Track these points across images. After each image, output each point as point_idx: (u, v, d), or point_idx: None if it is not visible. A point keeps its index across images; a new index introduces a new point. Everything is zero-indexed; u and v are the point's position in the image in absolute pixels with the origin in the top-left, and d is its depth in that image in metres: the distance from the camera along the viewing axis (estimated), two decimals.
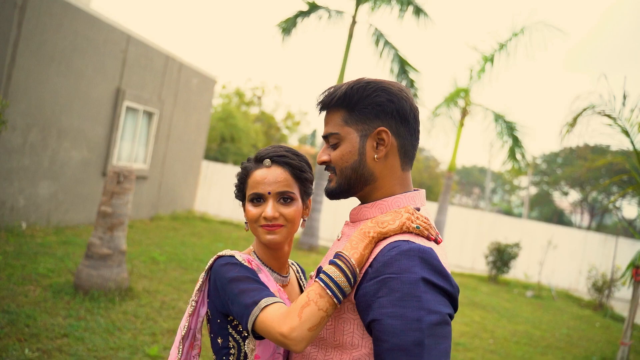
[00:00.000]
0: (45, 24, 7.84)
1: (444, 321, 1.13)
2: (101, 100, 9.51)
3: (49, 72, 8.08)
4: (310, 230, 12.08)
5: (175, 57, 11.83)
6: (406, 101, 1.33)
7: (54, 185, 8.69)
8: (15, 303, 4.96)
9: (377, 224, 1.24)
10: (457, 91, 12.78)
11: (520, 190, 42.92)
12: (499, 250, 12.87)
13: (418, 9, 12.15)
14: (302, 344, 1.15)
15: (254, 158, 1.46)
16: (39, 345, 4.16)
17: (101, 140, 9.73)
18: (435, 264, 1.16)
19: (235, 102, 29.07)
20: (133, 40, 10.09)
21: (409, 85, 12.24)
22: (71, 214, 9.19)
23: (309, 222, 12.01)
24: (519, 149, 12.65)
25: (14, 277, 5.71)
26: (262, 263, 1.47)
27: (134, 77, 10.38)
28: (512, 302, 10.57)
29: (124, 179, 5.76)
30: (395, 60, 12.29)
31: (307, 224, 12.01)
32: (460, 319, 7.98)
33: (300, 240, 12.07)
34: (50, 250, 7.14)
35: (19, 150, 7.80)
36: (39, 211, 8.47)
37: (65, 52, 8.35)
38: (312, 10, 12.59)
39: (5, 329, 4.35)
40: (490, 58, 12.35)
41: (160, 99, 11.48)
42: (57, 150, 8.60)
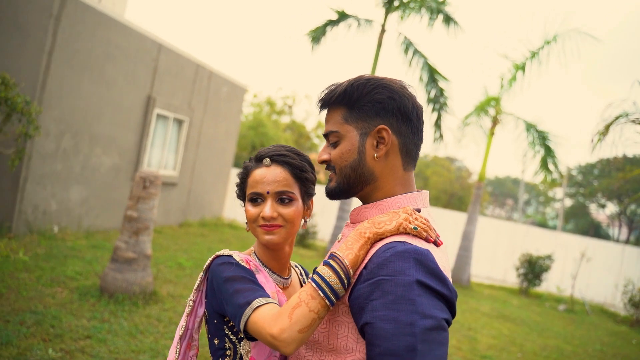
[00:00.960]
0: (79, 33, 8.05)
1: (439, 326, 1.07)
2: (132, 108, 9.70)
3: (82, 80, 8.28)
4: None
5: (205, 65, 11.99)
6: (408, 99, 1.29)
7: (85, 190, 8.88)
8: (43, 304, 5.06)
9: (373, 224, 1.20)
10: (488, 100, 12.59)
11: (555, 202, 42.00)
12: (530, 262, 12.58)
13: (448, 17, 12.04)
14: (292, 346, 1.12)
15: (254, 157, 1.45)
16: (63, 346, 4.23)
17: (132, 147, 9.90)
18: (432, 266, 1.11)
19: (266, 111, 29.32)
20: (164, 49, 10.27)
21: (438, 94, 12.12)
22: (101, 219, 9.36)
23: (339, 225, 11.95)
24: (551, 159, 12.36)
25: (43, 278, 5.84)
26: (261, 264, 1.45)
27: (165, 85, 10.55)
28: (543, 316, 10.29)
29: (150, 184, 5.83)
30: (424, 69, 12.18)
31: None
32: (488, 332, 7.81)
33: (327, 248, 12.01)
34: (79, 254, 7.28)
35: (52, 156, 8.00)
36: (71, 215, 8.65)
37: (98, 60, 8.55)
38: (342, 19, 12.61)
39: (32, 328, 4.44)
40: (521, 66, 12.14)
41: (191, 107, 11.64)
42: (88, 156, 8.79)
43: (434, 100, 12.17)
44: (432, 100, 12.18)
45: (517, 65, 12.21)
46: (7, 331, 4.26)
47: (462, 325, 7.86)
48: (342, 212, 12.29)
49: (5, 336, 4.15)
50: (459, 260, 12.44)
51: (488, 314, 9.21)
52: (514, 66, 12.28)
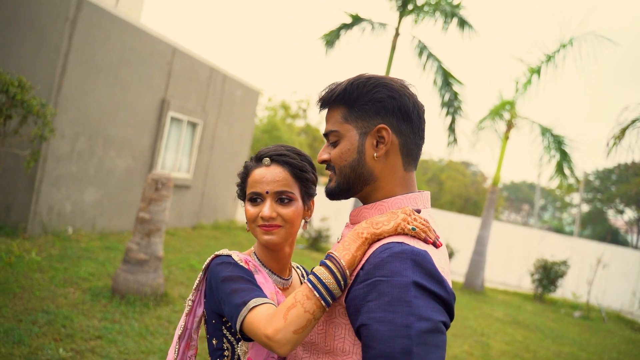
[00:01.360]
0: (95, 37, 8.14)
1: (436, 329, 1.05)
2: (146, 111, 9.77)
3: (97, 83, 8.37)
4: None
5: (219, 69, 12.05)
6: (409, 98, 1.27)
7: (99, 192, 8.96)
8: (55, 304, 5.11)
9: (371, 224, 1.18)
10: (503, 104, 12.50)
11: (572, 208, 41.50)
12: (545, 268, 12.43)
13: (462, 21, 11.98)
14: (287, 347, 1.10)
15: (254, 156, 1.44)
16: (73, 346, 4.26)
17: (146, 150, 9.98)
18: (429, 267, 1.09)
19: (280, 115, 29.41)
20: (178, 52, 10.35)
21: (452, 97, 12.06)
22: (115, 221, 9.44)
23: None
24: (567, 163, 12.22)
25: (56, 279, 5.89)
26: (261, 264, 1.44)
27: (179, 88, 10.62)
28: (558, 322, 10.15)
29: (162, 186, 5.87)
30: (438, 73, 12.13)
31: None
32: (501, 338, 7.72)
33: None
34: (92, 255, 7.34)
35: (67, 158, 8.09)
36: (85, 217, 8.73)
37: (112, 63, 8.64)
38: (355, 23, 12.61)
39: (43, 328, 4.48)
40: (536, 70, 12.03)
41: (204, 110, 11.71)
42: (103, 158, 8.88)
43: (448, 104, 12.11)
44: (446, 104, 12.12)
45: (533, 69, 12.11)
46: (20, 330, 4.30)
47: (474, 331, 7.78)
48: None
49: (17, 335, 4.19)
50: (473, 265, 12.33)
51: (501, 320, 9.11)
52: (529, 70, 12.18)
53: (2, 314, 4.61)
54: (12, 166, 7.51)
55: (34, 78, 7.31)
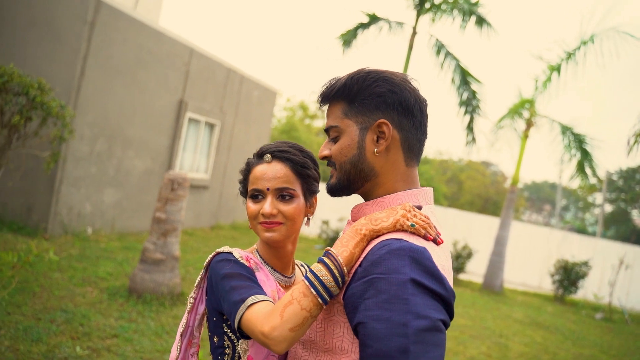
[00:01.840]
0: (113, 39, 8.24)
1: (435, 327, 1.02)
2: (164, 112, 9.86)
3: (115, 85, 8.47)
4: None
5: (236, 70, 12.11)
6: (410, 92, 1.25)
7: (118, 192, 9.06)
8: (73, 303, 5.18)
9: (370, 221, 1.16)
10: (522, 102, 12.34)
11: (595, 208, 40.85)
12: (565, 268, 12.24)
13: (481, 19, 11.85)
14: (283, 344, 1.09)
15: (256, 153, 1.43)
16: (90, 344, 4.31)
17: (164, 150, 10.07)
18: (428, 264, 1.07)
19: (299, 115, 29.48)
20: (196, 53, 10.42)
21: (470, 96, 11.94)
22: (134, 221, 9.53)
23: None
24: (588, 163, 12.02)
25: (75, 278, 5.97)
26: (263, 262, 1.43)
27: (196, 89, 10.70)
28: (578, 324, 9.98)
29: (178, 186, 5.91)
30: (456, 71, 12.02)
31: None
32: (520, 339, 7.62)
33: None
34: (111, 255, 7.42)
35: (86, 159, 8.20)
36: (104, 217, 8.84)
37: (130, 65, 8.73)
38: (372, 22, 12.56)
39: (61, 326, 4.54)
40: (556, 67, 11.85)
41: (222, 111, 11.77)
42: (122, 159, 8.98)
43: (466, 102, 11.99)
44: (465, 102, 12.00)
45: (552, 67, 11.93)
46: (38, 328, 4.37)
47: (493, 332, 7.69)
48: None
49: (35, 333, 4.25)
50: (492, 265, 12.19)
51: (521, 321, 8.99)
52: (548, 67, 12.01)
53: (22, 312, 4.68)
54: (33, 167, 7.63)
55: (54, 80, 7.41)
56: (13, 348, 3.95)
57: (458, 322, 7.85)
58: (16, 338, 4.12)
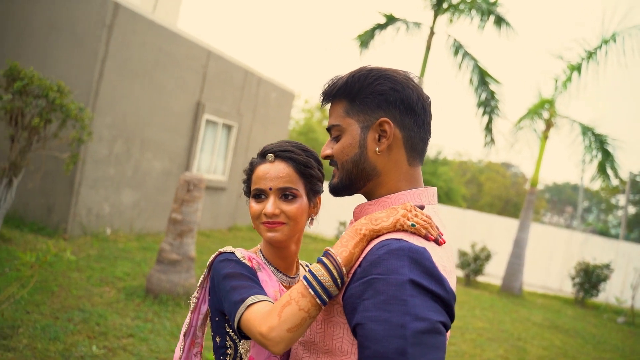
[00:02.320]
0: (131, 42, 8.33)
1: (434, 329, 1.00)
2: (182, 114, 9.94)
3: (133, 87, 8.56)
4: None
5: (254, 71, 12.16)
6: (412, 90, 1.23)
7: (136, 193, 9.15)
8: (91, 303, 5.24)
9: (370, 220, 1.15)
10: (542, 102, 12.19)
11: (618, 210, 40.16)
12: (586, 271, 12.04)
13: (499, 19, 11.75)
14: (281, 345, 1.08)
15: (259, 153, 1.43)
16: (106, 343, 4.35)
17: (182, 152, 10.15)
18: (427, 265, 1.05)
19: (317, 117, 29.50)
20: (213, 55, 10.49)
21: (489, 97, 11.84)
22: (152, 222, 9.62)
23: None
24: (610, 164, 11.81)
25: (93, 278, 6.04)
26: (267, 262, 1.42)
27: (214, 91, 10.77)
28: (599, 328, 9.81)
29: (193, 187, 5.95)
30: (474, 72, 11.93)
31: None
32: (538, 343, 7.51)
33: None
34: (129, 255, 7.50)
35: (105, 161, 8.30)
36: (123, 218, 8.94)
37: (148, 67, 8.82)
38: (390, 23, 12.54)
39: (78, 325, 4.59)
40: (577, 67, 11.68)
41: (239, 113, 11.83)
42: (140, 161, 9.07)
43: (485, 103, 11.89)
44: (483, 103, 11.91)
45: (573, 66, 11.76)
46: (56, 327, 4.43)
47: (510, 335, 7.60)
48: None
49: (53, 332, 4.31)
50: (511, 268, 12.05)
51: (539, 324, 8.87)
52: (568, 67, 11.84)
53: (41, 311, 4.75)
54: (53, 169, 7.74)
55: (73, 83, 7.52)
56: (31, 346, 4.01)
57: (475, 325, 7.77)
58: (34, 336, 4.18)
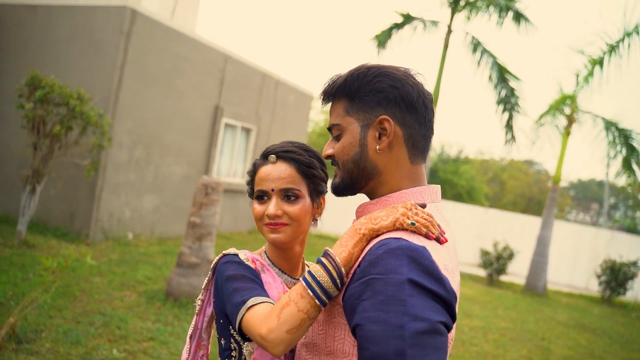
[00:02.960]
0: (149, 48, 8.42)
1: (434, 330, 0.97)
2: (201, 118, 10.02)
3: (152, 93, 8.66)
4: None
5: (272, 74, 12.20)
6: (413, 87, 1.21)
7: (157, 198, 9.25)
8: (112, 306, 5.30)
9: (369, 220, 1.13)
10: (563, 98, 11.99)
11: None
12: (612, 269, 11.79)
13: (518, 15, 11.60)
14: (280, 347, 1.07)
15: (262, 154, 1.42)
16: (127, 347, 4.40)
17: (201, 156, 10.22)
18: (427, 264, 1.02)
19: None
20: (231, 59, 10.55)
21: (509, 94, 11.69)
22: (173, 226, 9.71)
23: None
24: (635, 159, 11.56)
25: (114, 282, 6.12)
26: (271, 263, 1.41)
27: (232, 95, 10.83)
28: (627, 327, 9.60)
29: (211, 191, 5.98)
30: (493, 69, 11.79)
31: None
32: (563, 342, 7.38)
33: None
34: (150, 259, 7.58)
35: (126, 166, 8.40)
36: (144, 223, 9.04)
37: (166, 73, 8.91)
38: (407, 22, 12.47)
39: (99, 329, 4.65)
40: (598, 61, 11.46)
41: (258, 116, 11.88)
42: (160, 166, 9.16)
43: (505, 100, 11.75)
44: (503, 100, 11.76)
45: (594, 60, 11.55)
46: (77, 331, 4.49)
47: (534, 335, 7.48)
48: None
49: (75, 336, 4.37)
50: (534, 266, 11.87)
51: (564, 323, 8.71)
52: (590, 61, 11.63)
53: (63, 315, 4.82)
54: (75, 175, 7.87)
55: (92, 90, 7.64)
56: (53, 350, 4.07)
57: (498, 325, 7.67)
58: (56, 340, 4.24)
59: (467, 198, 24.78)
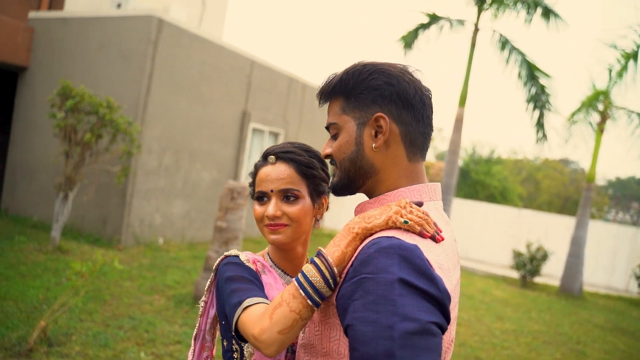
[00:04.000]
0: (176, 56, 8.56)
1: (425, 330, 0.94)
2: (228, 123, 10.13)
3: (180, 100, 8.79)
4: None
5: (298, 78, 12.25)
6: (409, 83, 1.19)
7: (187, 203, 9.38)
8: (141, 310, 5.39)
9: (363, 219, 1.11)
10: (596, 94, 11.67)
11: None
12: None
13: (547, 10, 11.37)
14: (272, 347, 1.06)
15: (262, 155, 1.43)
16: (154, 350, 4.46)
17: (229, 161, 10.33)
18: (418, 263, 1.00)
19: None
20: (257, 65, 10.64)
21: (539, 91, 11.45)
22: (202, 231, 9.83)
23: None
24: None
25: (144, 287, 6.22)
26: (274, 265, 1.41)
27: (259, 100, 10.91)
28: None
29: (237, 195, 6.03)
30: (523, 66, 11.57)
31: None
32: (599, 346, 7.16)
33: None
34: (180, 264, 7.68)
35: (155, 172, 8.55)
36: (174, 228, 9.17)
37: (194, 80, 9.04)
38: (433, 22, 12.35)
39: (128, 333, 4.73)
40: (632, 55, 11.12)
41: (285, 120, 11.94)
42: (189, 172, 9.29)
43: (535, 98, 11.51)
44: (533, 98, 11.53)
45: (627, 54, 11.21)
46: (106, 334, 4.58)
47: (569, 338, 7.29)
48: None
49: (104, 339, 4.46)
50: (569, 267, 11.57)
51: (601, 326, 8.46)
52: (623, 55, 11.30)
53: (93, 319, 4.93)
54: (106, 182, 8.05)
55: (121, 98, 7.80)
56: (82, 353, 4.16)
57: (531, 328, 7.50)
58: (86, 343, 4.34)
59: (500, 199, 24.35)
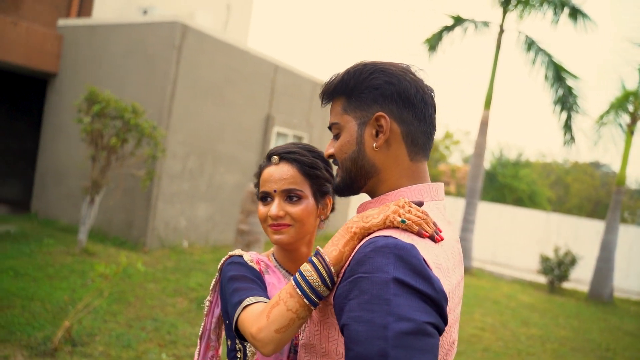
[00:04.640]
0: (200, 61, 8.67)
1: (420, 331, 0.94)
2: (252, 127, 10.20)
3: (204, 105, 8.90)
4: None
5: (321, 82, 12.26)
6: (410, 83, 1.18)
7: (211, 207, 9.47)
8: (163, 312, 5.46)
9: (361, 218, 1.11)
10: (625, 95, 11.41)
11: None
12: None
13: (575, 10, 11.18)
14: (269, 346, 1.07)
15: (266, 155, 1.44)
16: (175, 351, 4.51)
17: (253, 165, 10.39)
18: (414, 262, 0.99)
19: None
20: (280, 69, 10.70)
21: (566, 93, 11.25)
22: (226, 234, 9.91)
23: (462, 244, 11.50)
24: None
25: (167, 289, 6.30)
26: (278, 265, 1.42)
27: (283, 104, 10.97)
28: None
29: None
30: (549, 68, 11.40)
31: (463, 245, 11.50)
32: (630, 354, 6.97)
33: None
34: (203, 267, 7.75)
35: (180, 176, 8.66)
36: (198, 231, 9.27)
37: (218, 85, 9.13)
38: (457, 24, 12.28)
39: (150, 334, 4.80)
40: None
41: (309, 123, 11.97)
42: (213, 175, 9.38)
43: (562, 100, 11.32)
44: (560, 100, 11.34)
45: None
46: (129, 335, 4.65)
47: (598, 345, 7.11)
48: (466, 222, 11.86)
49: (126, 340, 4.53)
50: (598, 273, 11.30)
51: (632, 334, 8.24)
52: None
53: (117, 320, 5.01)
54: (132, 186, 8.18)
55: (146, 103, 7.92)
56: (106, 353, 4.23)
57: (558, 334, 7.35)
58: (109, 344, 4.41)
59: (528, 202, 23.96)
